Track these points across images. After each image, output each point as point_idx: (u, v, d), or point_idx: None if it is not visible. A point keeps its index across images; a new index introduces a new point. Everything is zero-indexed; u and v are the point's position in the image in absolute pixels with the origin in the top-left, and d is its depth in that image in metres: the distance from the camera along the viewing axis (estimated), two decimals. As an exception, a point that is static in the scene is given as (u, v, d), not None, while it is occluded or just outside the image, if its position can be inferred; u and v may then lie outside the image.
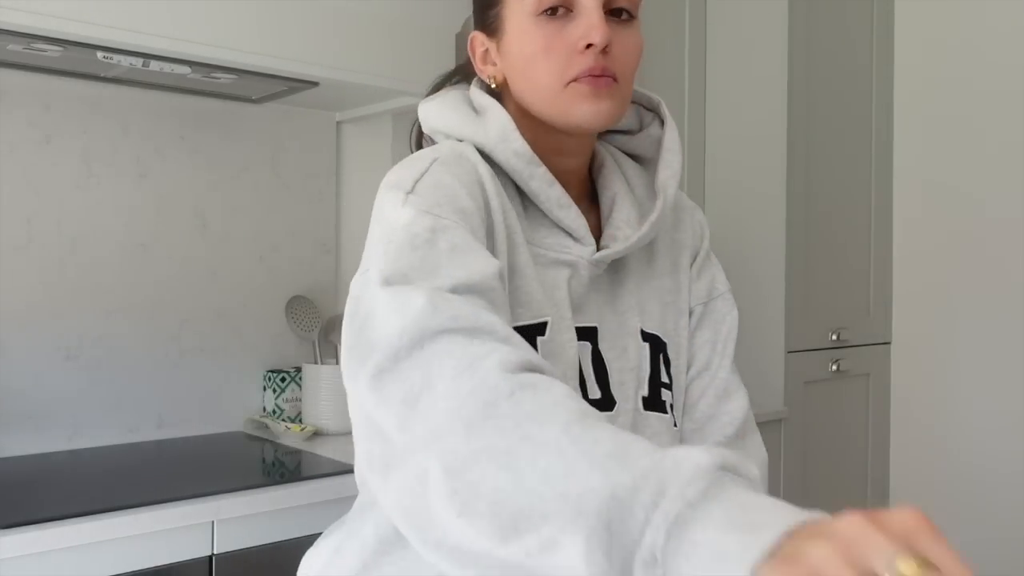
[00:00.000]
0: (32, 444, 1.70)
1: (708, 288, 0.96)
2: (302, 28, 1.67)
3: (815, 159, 2.51)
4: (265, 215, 2.02)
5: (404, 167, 0.81)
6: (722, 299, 0.96)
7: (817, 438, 2.52)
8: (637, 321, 0.87)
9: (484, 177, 0.80)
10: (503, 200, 0.81)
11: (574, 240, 0.84)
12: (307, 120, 2.09)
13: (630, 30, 0.82)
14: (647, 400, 0.86)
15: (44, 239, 1.73)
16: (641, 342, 0.86)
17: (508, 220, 0.81)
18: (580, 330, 0.82)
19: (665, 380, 0.87)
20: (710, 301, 0.95)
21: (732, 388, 0.94)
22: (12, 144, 1.69)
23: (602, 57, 0.79)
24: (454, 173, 0.78)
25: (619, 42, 0.81)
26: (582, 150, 0.88)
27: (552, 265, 0.82)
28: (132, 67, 1.62)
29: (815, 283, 2.52)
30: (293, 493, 1.47)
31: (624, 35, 0.81)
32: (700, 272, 0.95)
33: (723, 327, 0.95)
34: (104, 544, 1.27)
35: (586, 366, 0.81)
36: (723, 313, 0.95)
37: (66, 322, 1.75)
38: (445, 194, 0.75)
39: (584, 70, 0.79)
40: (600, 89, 0.79)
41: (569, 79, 0.80)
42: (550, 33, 0.80)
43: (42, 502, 1.37)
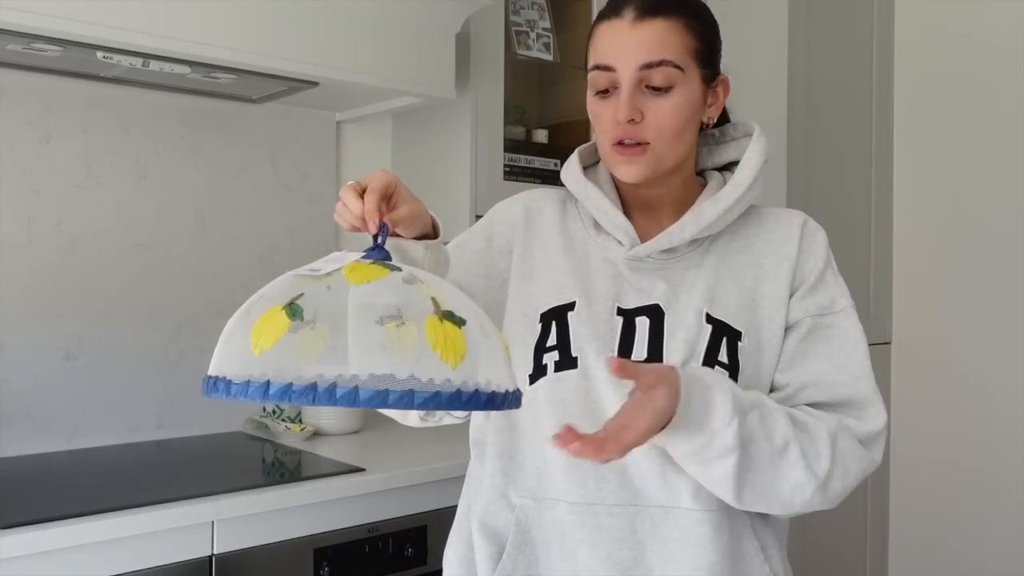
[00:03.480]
0: (32, 444, 1.70)
1: (825, 304, 1.03)
2: (302, 28, 1.67)
3: (815, 159, 2.51)
4: (265, 215, 2.02)
5: None
6: (843, 313, 1.04)
7: (817, 438, 2.52)
8: (703, 306, 1.00)
9: (548, 205, 1.11)
10: (566, 219, 1.09)
11: (619, 244, 1.04)
12: (307, 120, 2.09)
13: (666, 99, 0.98)
14: None
15: (44, 239, 1.73)
16: (704, 323, 0.99)
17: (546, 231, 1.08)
18: (642, 308, 1.00)
19: (723, 360, 0.98)
20: (825, 315, 1.03)
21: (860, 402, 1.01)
22: (12, 144, 1.70)
23: (630, 128, 0.98)
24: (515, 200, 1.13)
25: (652, 111, 0.98)
26: (653, 186, 1.04)
27: (599, 261, 1.04)
28: (132, 67, 1.62)
29: (815, 283, 2.52)
30: (293, 493, 1.47)
31: (659, 104, 0.98)
32: (814, 290, 1.04)
33: (845, 342, 1.02)
34: (104, 544, 1.27)
35: (641, 334, 0.99)
36: (844, 328, 1.03)
37: (66, 322, 1.75)
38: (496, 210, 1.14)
39: (616, 137, 1.00)
40: (631, 157, 0.99)
41: (612, 143, 1.00)
42: (600, 107, 1.01)
43: (42, 502, 1.37)
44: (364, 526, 1.55)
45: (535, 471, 0.99)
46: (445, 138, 2.11)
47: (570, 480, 0.97)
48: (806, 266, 1.05)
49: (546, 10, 2.28)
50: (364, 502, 1.55)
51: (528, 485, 1.00)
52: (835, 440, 0.94)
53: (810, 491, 0.92)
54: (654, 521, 0.96)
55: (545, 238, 1.08)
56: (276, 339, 0.66)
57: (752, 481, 0.90)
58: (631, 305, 1.00)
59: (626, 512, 0.96)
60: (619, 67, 0.98)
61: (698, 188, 1.10)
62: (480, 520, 1.02)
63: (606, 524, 0.96)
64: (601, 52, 1.00)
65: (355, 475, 1.56)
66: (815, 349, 1.01)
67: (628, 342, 0.98)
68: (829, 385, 0.99)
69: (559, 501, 0.97)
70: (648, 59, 0.97)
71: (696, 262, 1.03)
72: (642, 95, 0.98)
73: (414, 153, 2.23)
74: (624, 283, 1.02)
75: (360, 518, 1.55)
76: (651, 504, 0.96)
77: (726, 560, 0.95)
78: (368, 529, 1.55)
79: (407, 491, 1.59)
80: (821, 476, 0.92)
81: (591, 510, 0.96)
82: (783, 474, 0.91)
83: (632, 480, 0.96)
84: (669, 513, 0.96)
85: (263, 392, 0.65)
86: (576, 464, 0.95)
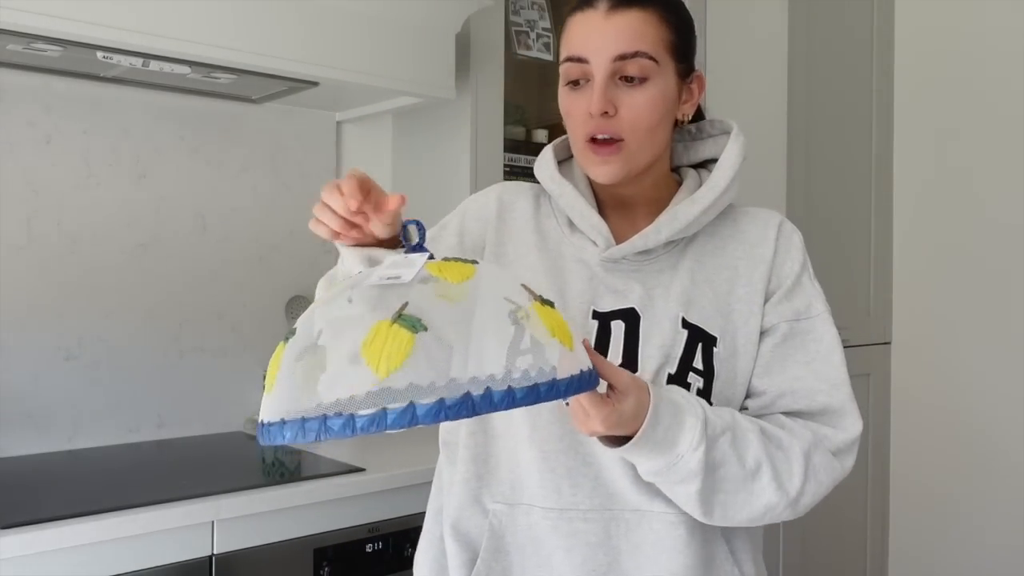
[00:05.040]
0: (32, 444, 1.70)
1: (801, 309, 1.02)
2: (302, 28, 1.67)
3: (815, 159, 2.51)
4: (265, 215, 2.02)
5: None
6: (819, 318, 1.02)
7: (817, 438, 2.52)
8: (679, 310, 0.98)
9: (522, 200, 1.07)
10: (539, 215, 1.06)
11: (593, 244, 1.02)
12: (307, 120, 2.09)
13: (640, 91, 0.95)
14: (672, 377, 0.95)
15: (44, 239, 1.73)
16: (679, 328, 0.97)
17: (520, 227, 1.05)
18: (618, 311, 0.98)
19: (698, 367, 0.96)
20: (801, 321, 1.01)
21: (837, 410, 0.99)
22: (12, 144, 1.70)
23: (603, 122, 0.95)
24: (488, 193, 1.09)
25: (627, 104, 0.95)
26: (628, 184, 1.01)
27: (574, 261, 1.02)
28: (132, 67, 1.62)
29: (815, 283, 2.52)
30: (293, 493, 1.47)
31: (633, 97, 0.95)
32: (790, 294, 1.02)
33: (820, 347, 1.01)
34: (104, 544, 1.28)
35: (616, 338, 0.97)
36: (820, 333, 1.01)
37: (66, 322, 1.75)
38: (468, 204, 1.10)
39: (589, 132, 0.96)
40: (604, 156, 0.96)
41: (584, 139, 0.97)
42: (571, 100, 0.98)
43: (42, 502, 1.37)
44: (364, 526, 1.55)
45: (509, 476, 0.98)
46: (445, 138, 2.11)
47: (544, 485, 0.95)
48: (782, 269, 1.03)
49: (546, 10, 2.28)
50: (364, 502, 1.55)
51: (502, 490, 0.98)
52: (809, 456, 0.93)
53: (781, 509, 0.92)
54: (628, 525, 0.95)
55: (518, 235, 1.05)
56: (406, 354, 0.61)
57: (722, 502, 0.90)
58: (606, 308, 0.98)
59: (601, 517, 0.95)
60: (592, 58, 0.95)
61: (674, 186, 1.07)
62: (452, 525, 1.00)
63: (580, 529, 0.94)
64: (574, 43, 0.98)
65: (355, 475, 1.56)
66: (792, 355, 1.00)
67: (603, 346, 0.97)
68: (807, 393, 0.98)
69: (533, 506, 0.96)
70: (622, 50, 0.95)
71: (671, 264, 1.02)
72: (616, 88, 0.95)
73: (414, 153, 2.23)
74: (599, 285, 1.00)
75: (360, 518, 1.55)
76: (625, 508, 0.95)
77: (699, 564, 0.95)
78: (368, 529, 1.56)
79: (407, 491, 1.59)
80: (792, 495, 0.92)
81: (565, 515, 0.95)
82: (755, 495, 0.91)
83: (606, 484, 0.95)
84: (644, 517, 0.94)
85: (431, 412, 0.60)
86: (550, 469, 0.95)
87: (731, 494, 0.90)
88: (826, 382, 0.99)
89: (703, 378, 0.96)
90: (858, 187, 2.66)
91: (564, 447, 0.95)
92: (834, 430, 0.97)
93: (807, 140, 2.48)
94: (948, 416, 2.63)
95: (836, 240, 2.59)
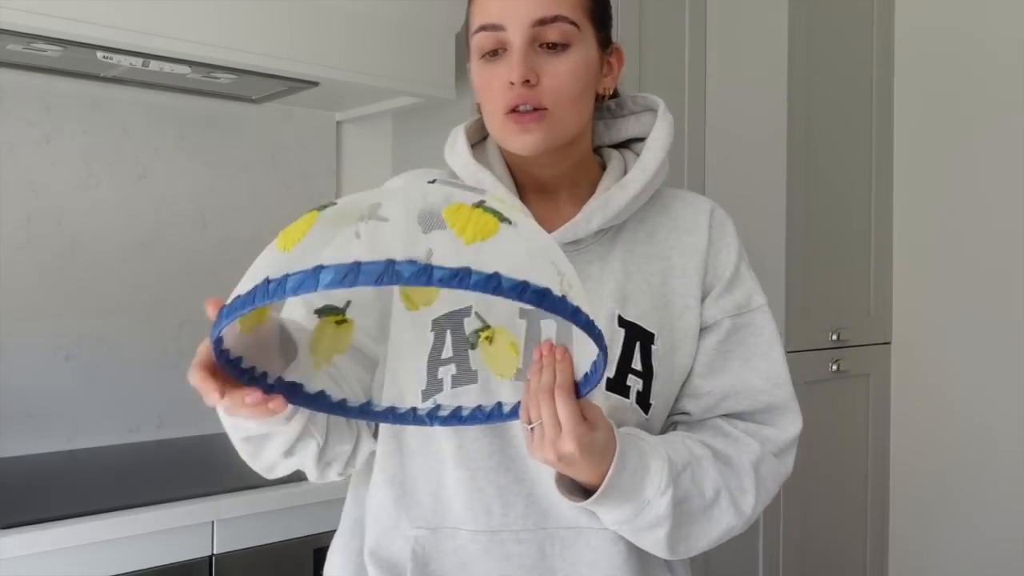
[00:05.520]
0: (32, 444, 1.70)
1: (742, 302, 0.98)
2: (302, 28, 1.67)
3: (815, 159, 2.51)
4: (265, 215, 2.02)
5: None
6: (760, 311, 0.98)
7: (817, 438, 2.52)
8: (615, 307, 0.92)
9: None
10: None
11: None
12: (307, 120, 2.09)
13: (562, 58, 0.89)
14: (611, 381, 0.90)
15: (44, 239, 1.73)
16: (616, 327, 0.91)
17: None
18: None
19: (637, 368, 0.91)
20: (743, 314, 0.97)
21: (779, 408, 0.96)
22: (12, 144, 1.69)
23: (526, 91, 0.88)
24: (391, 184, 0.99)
25: (549, 72, 0.89)
26: (550, 163, 0.95)
27: None
28: (132, 67, 1.62)
29: (815, 283, 2.52)
30: (293, 493, 1.47)
31: (555, 64, 0.89)
32: (730, 287, 0.98)
33: (760, 340, 0.97)
34: (104, 544, 1.28)
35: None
36: (760, 326, 0.97)
37: (66, 322, 1.75)
38: None
39: (510, 103, 0.89)
40: (526, 124, 0.89)
41: (503, 111, 0.90)
42: (488, 72, 0.91)
43: (42, 502, 1.37)
44: (364, 526, 1.55)
45: (430, 498, 0.90)
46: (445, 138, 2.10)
47: (473, 507, 0.88)
48: (718, 260, 0.98)
49: (546, 10, 2.27)
50: (364, 502, 1.55)
51: (422, 513, 0.90)
52: (757, 468, 0.91)
53: (738, 529, 0.91)
54: (564, 544, 0.89)
55: None
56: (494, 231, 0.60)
57: (685, 536, 0.87)
58: None
59: (535, 537, 0.88)
60: (509, 24, 0.88)
61: (596, 168, 1.01)
62: (372, 552, 0.93)
63: (514, 552, 0.88)
64: (487, 10, 0.90)
65: (355, 475, 1.56)
66: (734, 352, 0.96)
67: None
68: (750, 393, 0.95)
69: (459, 529, 0.89)
70: (542, 14, 0.88)
71: (601, 255, 0.95)
72: (536, 55, 0.88)
73: (414, 153, 2.23)
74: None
75: (360, 518, 1.55)
76: (560, 526, 0.89)
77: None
78: (368, 529, 1.56)
79: (407, 491, 1.59)
80: (748, 513, 0.90)
81: (497, 538, 0.88)
82: (715, 522, 0.89)
83: (539, 502, 0.89)
84: (580, 534, 0.89)
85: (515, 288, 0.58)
86: (479, 489, 0.89)
87: (693, 527, 0.87)
88: (768, 380, 0.95)
89: (642, 379, 0.91)
90: (858, 187, 2.66)
91: (494, 464, 0.88)
92: (776, 430, 0.95)
93: (807, 140, 2.48)
94: (948, 416, 2.63)
95: (836, 240, 2.59)
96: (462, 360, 0.88)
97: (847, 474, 2.64)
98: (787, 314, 2.43)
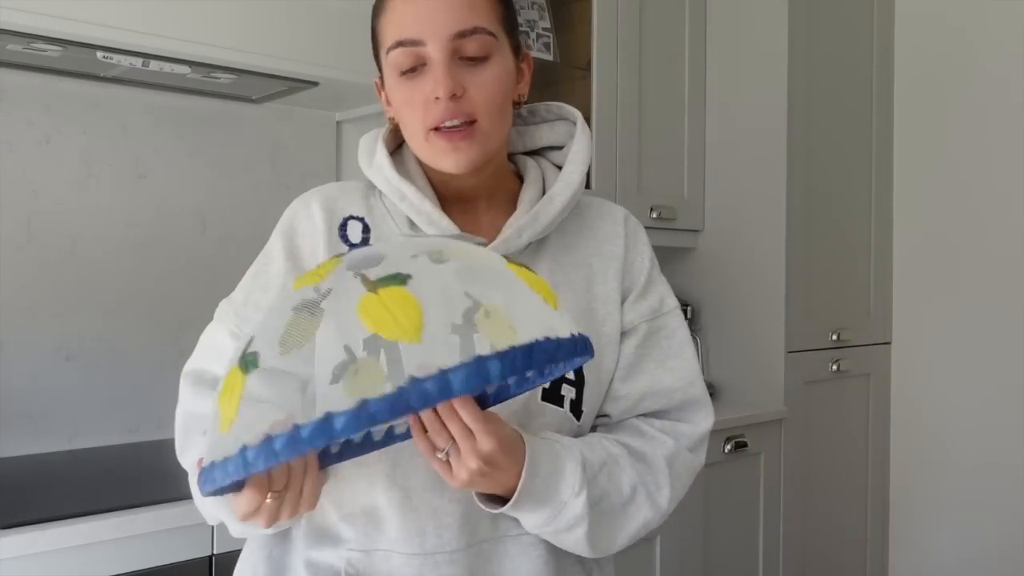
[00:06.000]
0: (32, 444, 1.70)
1: (655, 306, 0.99)
2: (302, 28, 1.67)
3: (815, 159, 2.51)
4: (265, 215, 2.01)
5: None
6: (671, 314, 1.00)
7: (817, 438, 2.52)
8: None
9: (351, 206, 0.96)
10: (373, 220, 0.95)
11: None
12: (307, 120, 2.09)
13: (484, 69, 0.89)
14: (546, 391, 0.90)
15: (44, 239, 1.73)
16: None
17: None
18: None
19: (570, 377, 0.92)
20: (657, 318, 0.99)
21: (692, 404, 0.98)
22: (12, 144, 1.69)
23: (453, 105, 0.87)
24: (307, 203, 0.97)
25: (474, 84, 0.88)
26: (472, 174, 0.93)
27: None
28: (132, 67, 1.62)
29: (815, 283, 2.52)
30: (293, 493, 1.47)
31: (479, 76, 0.88)
32: (644, 292, 0.99)
33: (673, 343, 0.99)
34: (104, 544, 1.27)
35: None
36: (672, 329, 0.99)
37: (66, 322, 1.75)
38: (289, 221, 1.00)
39: (437, 120, 0.87)
40: (456, 142, 0.88)
41: (428, 128, 0.88)
42: (409, 89, 0.89)
43: (42, 502, 1.37)
44: (364, 526, 1.55)
45: (362, 520, 0.89)
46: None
47: (407, 530, 0.87)
48: (634, 266, 0.99)
49: (546, 10, 2.28)
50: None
51: (356, 536, 0.89)
52: (671, 463, 0.93)
53: (655, 523, 0.92)
54: (488, 557, 0.89)
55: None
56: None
57: (604, 534, 0.88)
58: None
59: (466, 555, 0.88)
60: (428, 39, 0.86)
61: (512, 176, 1.01)
62: (307, 565, 0.91)
63: (447, 573, 0.88)
64: (402, 25, 0.88)
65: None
66: (650, 355, 0.97)
67: None
68: (665, 393, 0.96)
69: (392, 552, 0.88)
70: (461, 27, 0.87)
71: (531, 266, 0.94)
72: (458, 67, 0.87)
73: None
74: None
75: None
76: (483, 540, 0.89)
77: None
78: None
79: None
80: (664, 507, 0.92)
81: (431, 560, 0.87)
82: (632, 518, 0.90)
83: (472, 522, 0.89)
84: (500, 543, 0.90)
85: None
86: (413, 509, 0.87)
87: (611, 524, 0.88)
88: (682, 380, 0.97)
89: (575, 388, 0.92)
90: (858, 187, 2.66)
91: (430, 484, 0.87)
92: (690, 426, 0.97)
93: (807, 140, 2.48)
94: (948, 416, 2.63)
95: (836, 240, 2.59)
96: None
97: (847, 474, 2.64)
98: (787, 314, 2.43)
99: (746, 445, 2.25)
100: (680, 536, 2.13)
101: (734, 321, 2.52)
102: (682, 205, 2.52)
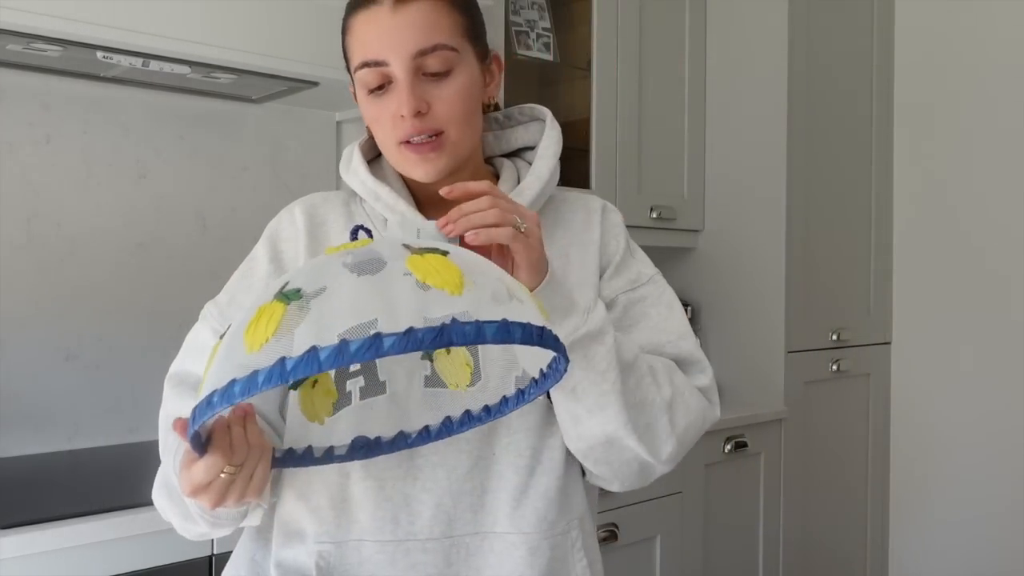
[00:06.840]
0: (32, 444, 1.70)
1: (633, 278, 1.02)
2: (302, 28, 1.67)
3: (815, 159, 2.51)
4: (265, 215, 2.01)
5: None
6: (652, 283, 1.02)
7: (817, 438, 2.52)
8: None
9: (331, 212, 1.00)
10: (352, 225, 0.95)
11: None
12: (307, 120, 2.09)
13: (448, 83, 0.92)
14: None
15: (44, 239, 1.73)
16: None
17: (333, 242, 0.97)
18: None
19: None
20: (636, 289, 1.01)
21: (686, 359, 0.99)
22: (12, 144, 1.69)
23: (418, 122, 0.90)
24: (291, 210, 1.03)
25: (438, 98, 0.91)
26: (450, 176, 0.95)
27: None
28: (132, 67, 1.62)
29: (815, 283, 2.52)
30: (293, 493, 1.47)
31: (443, 90, 0.91)
32: (620, 268, 1.01)
33: (659, 307, 1.00)
34: (104, 544, 1.27)
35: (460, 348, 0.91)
36: (656, 296, 1.01)
37: (66, 322, 1.75)
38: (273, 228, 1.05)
39: (404, 135, 0.91)
40: (425, 153, 0.92)
41: (397, 142, 0.93)
42: (377, 106, 0.93)
43: (42, 502, 1.37)
44: (364, 526, 1.55)
45: (332, 511, 0.90)
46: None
47: (380, 517, 0.89)
48: (609, 247, 1.02)
49: (546, 10, 2.28)
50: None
51: (326, 528, 0.90)
52: (671, 372, 0.94)
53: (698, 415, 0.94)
54: (468, 551, 0.90)
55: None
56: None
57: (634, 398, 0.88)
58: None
59: (441, 545, 0.89)
60: (391, 59, 0.90)
61: (489, 176, 1.03)
62: (277, 564, 0.92)
63: (420, 561, 0.89)
64: (366, 46, 0.91)
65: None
66: (637, 322, 0.99)
67: None
68: (655, 348, 0.97)
69: (364, 541, 0.89)
70: (421, 45, 0.89)
71: None
72: (421, 83, 0.90)
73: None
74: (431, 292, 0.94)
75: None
76: (465, 533, 0.90)
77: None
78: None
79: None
80: (667, 398, 0.92)
81: (403, 547, 0.88)
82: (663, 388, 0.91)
83: (447, 511, 0.89)
84: (484, 539, 0.90)
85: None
86: (386, 499, 0.89)
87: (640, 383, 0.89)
88: (672, 334, 0.99)
89: None
90: (858, 187, 2.66)
91: (402, 473, 0.89)
92: (687, 377, 0.98)
93: (807, 140, 2.48)
94: (948, 416, 2.63)
95: (836, 240, 2.59)
96: (370, 371, 0.88)
97: (847, 474, 2.64)
98: (787, 314, 2.43)
99: (746, 445, 2.25)
100: (680, 536, 2.13)
101: (734, 321, 2.52)
102: (682, 205, 2.52)
